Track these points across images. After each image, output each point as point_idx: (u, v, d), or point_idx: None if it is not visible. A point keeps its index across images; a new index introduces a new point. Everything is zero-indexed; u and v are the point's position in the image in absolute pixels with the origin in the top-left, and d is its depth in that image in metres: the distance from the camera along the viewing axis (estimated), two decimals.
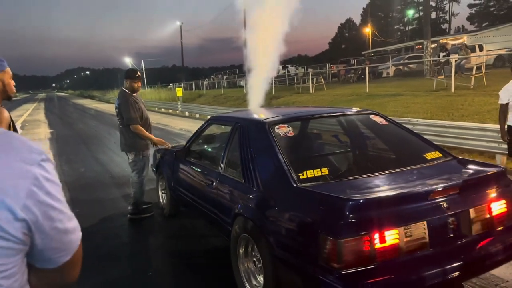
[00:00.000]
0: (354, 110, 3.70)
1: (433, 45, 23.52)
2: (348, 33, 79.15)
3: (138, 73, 4.97)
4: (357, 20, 77.11)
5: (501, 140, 5.48)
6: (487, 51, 22.79)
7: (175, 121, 18.20)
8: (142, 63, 58.09)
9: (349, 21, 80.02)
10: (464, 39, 28.47)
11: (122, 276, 3.52)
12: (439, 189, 2.33)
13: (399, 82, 19.01)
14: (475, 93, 11.78)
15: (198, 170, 3.93)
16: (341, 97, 16.56)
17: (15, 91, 2.48)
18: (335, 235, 2.07)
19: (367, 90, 16.28)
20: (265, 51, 5.18)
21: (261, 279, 2.75)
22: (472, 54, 18.91)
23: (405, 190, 2.36)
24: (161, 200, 5.19)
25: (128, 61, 60.58)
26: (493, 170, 2.65)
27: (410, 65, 25.72)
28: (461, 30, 55.88)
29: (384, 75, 25.78)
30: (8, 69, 2.40)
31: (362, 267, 2.08)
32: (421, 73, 20.48)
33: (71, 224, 0.83)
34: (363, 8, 71.43)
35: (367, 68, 18.70)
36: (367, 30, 51.22)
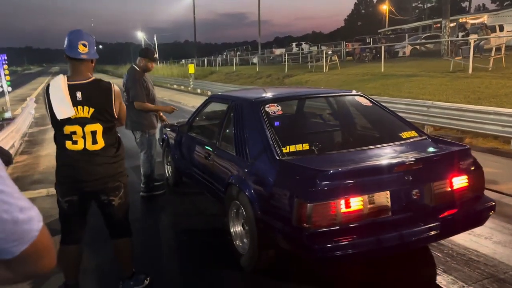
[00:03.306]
0: (342, 91, 4.00)
1: (452, 24, 22.89)
2: (364, 10, 77.31)
3: (156, 55, 5.02)
4: None
5: None
6: (507, 31, 22.10)
7: (187, 98, 18.27)
8: (155, 38, 57.76)
9: None
10: (484, 18, 27.61)
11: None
12: (403, 163, 2.61)
13: (415, 62, 18.63)
14: (493, 75, 11.52)
15: (198, 143, 4.25)
16: (355, 77, 16.34)
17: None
18: (306, 199, 2.39)
19: (382, 70, 16.02)
20: None
21: (248, 239, 3.08)
22: (492, 35, 18.36)
23: (371, 163, 2.66)
24: (166, 172, 5.52)
25: (141, 36, 60.31)
26: (456, 148, 2.91)
27: (427, 45, 25.12)
28: (481, 9, 54.12)
29: (400, 54, 25.27)
30: None
31: (329, 228, 2.41)
32: (438, 53, 20.03)
33: (24, 215, 0.83)
34: None
35: (383, 47, 18.31)
36: (384, 7, 49.89)
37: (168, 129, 5.35)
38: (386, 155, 2.84)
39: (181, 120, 5.75)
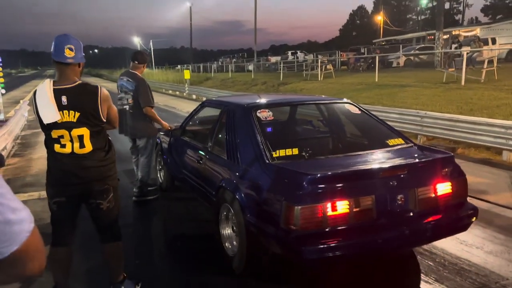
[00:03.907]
0: (332, 99, 4.12)
1: (445, 36, 23.16)
2: (359, 21, 78.12)
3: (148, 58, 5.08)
4: (370, 7, 76.08)
5: (509, 136, 5.44)
6: (500, 44, 22.41)
7: (182, 103, 18.27)
8: (151, 43, 57.82)
9: (361, 8, 78.86)
10: (477, 31, 27.99)
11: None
12: (388, 169, 2.71)
13: (409, 73, 18.82)
14: (485, 87, 11.65)
15: (191, 148, 4.31)
16: (349, 86, 16.44)
17: None
18: (293, 202, 2.45)
19: (376, 80, 16.15)
20: None
21: (237, 242, 3.13)
22: (485, 47, 18.60)
23: (357, 168, 2.73)
24: (159, 177, 5.51)
25: (137, 41, 60.36)
26: (440, 155, 3.01)
27: (420, 56, 25.39)
28: (474, 22, 54.90)
29: (394, 65, 25.52)
30: None
31: (316, 230, 2.48)
32: (432, 64, 20.25)
33: (16, 216, 0.83)
34: None
35: (377, 57, 18.46)
36: (379, 18, 50.45)
37: (162, 133, 5.38)
38: (372, 161, 2.93)
39: (174, 124, 5.77)
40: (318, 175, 2.53)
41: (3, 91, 13.56)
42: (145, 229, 4.36)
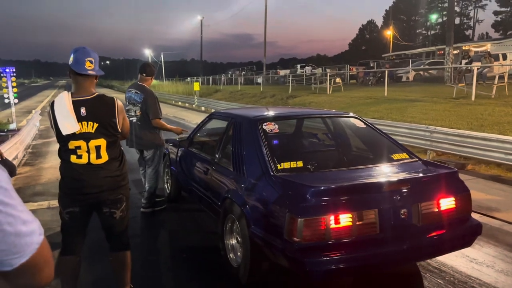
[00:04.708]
0: (338, 113, 4.17)
1: (455, 52, 23.13)
2: (369, 35, 78.40)
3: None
4: (379, 22, 76.42)
5: None
6: (511, 60, 22.29)
7: (191, 115, 18.39)
8: (162, 55, 58.58)
9: (370, 22, 79.24)
10: (488, 47, 27.91)
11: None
12: (391, 183, 2.72)
13: (419, 88, 18.75)
14: (496, 103, 11.56)
15: (198, 159, 4.36)
16: (358, 100, 16.41)
17: None
18: (297, 214, 2.47)
19: (386, 94, 16.09)
20: None
21: (242, 252, 3.14)
22: (495, 63, 18.51)
23: (361, 182, 2.75)
24: (167, 187, 5.56)
25: (148, 53, 61.19)
26: (445, 171, 3.01)
27: (430, 71, 25.34)
28: (485, 37, 54.78)
29: (404, 79, 25.48)
30: None
31: (318, 242, 2.50)
32: (442, 79, 20.19)
33: (26, 228, 0.84)
34: (386, 10, 70.67)
35: (386, 72, 18.45)
36: (389, 33, 50.57)
37: (170, 144, 5.44)
38: (376, 175, 2.95)
39: (182, 135, 5.82)
40: (322, 188, 2.56)
41: (16, 100, 13.78)
42: (152, 239, 4.37)
